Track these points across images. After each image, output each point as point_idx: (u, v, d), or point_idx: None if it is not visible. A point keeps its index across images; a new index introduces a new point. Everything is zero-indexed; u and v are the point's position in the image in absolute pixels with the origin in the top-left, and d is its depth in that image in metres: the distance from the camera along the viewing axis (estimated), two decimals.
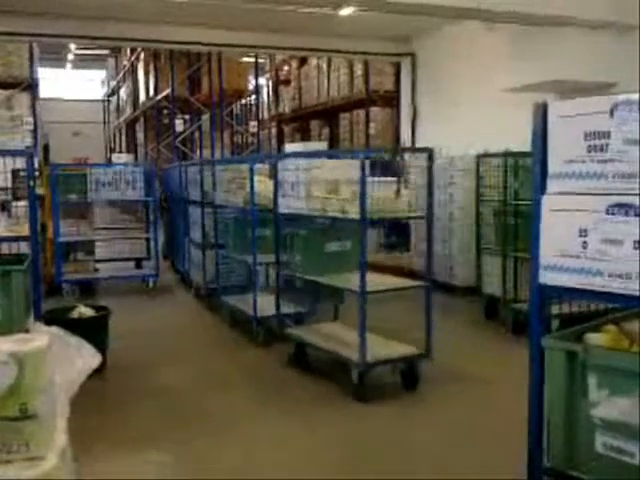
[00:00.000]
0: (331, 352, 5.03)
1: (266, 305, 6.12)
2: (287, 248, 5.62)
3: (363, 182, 4.50)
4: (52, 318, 4.86)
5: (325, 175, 5.10)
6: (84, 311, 5.45)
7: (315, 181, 5.21)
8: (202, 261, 8.07)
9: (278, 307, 5.93)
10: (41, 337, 1.93)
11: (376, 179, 5.63)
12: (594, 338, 2.79)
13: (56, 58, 27.53)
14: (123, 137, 27.84)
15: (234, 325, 6.80)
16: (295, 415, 4.37)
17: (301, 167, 5.40)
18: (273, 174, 5.88)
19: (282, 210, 5.68)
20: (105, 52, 27.11)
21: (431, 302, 4.91)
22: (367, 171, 4.56)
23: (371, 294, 4.62)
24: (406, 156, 12.20)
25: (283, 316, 5.95)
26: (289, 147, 12.53)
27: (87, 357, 2.21)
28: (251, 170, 6.37)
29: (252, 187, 6.32)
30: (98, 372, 2.58)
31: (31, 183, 4.85)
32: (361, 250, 4.69)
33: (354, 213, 4.64)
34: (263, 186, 6.35)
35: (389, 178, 5.40)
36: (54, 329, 2.19)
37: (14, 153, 6.03)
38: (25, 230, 4.82)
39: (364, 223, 4.63)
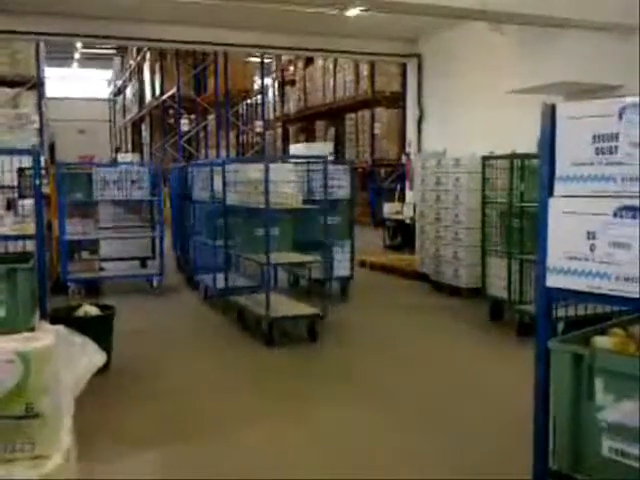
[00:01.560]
0: (253, 311, 6.43)
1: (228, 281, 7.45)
2: (232, 233, 7.23)
3: (266, 180, 5.93)
4: (57, 317, 4.87)
5: (252, 175, 6.65)
6: (89, 310, 5.45)
7: (246, 180, 6.81)
8: (188, 246, 9.35)
9: (226, 281, 7.37)
10: (47, 336, 1.93)
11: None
12: (601, 341, 2.78)
13: (63, 57, 27.60)
14: (129, 136, 27.89)
15: (206, 298, 8.15)
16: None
17: (238, 169, 7.19)
18: (222, 175, 7.27)
19: (229, 203, 7.15)
20: (111, 51, 27.16)
21: (331, 276, 6.98)
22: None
23: (276, 265, 6.59)
24: (411, 158, 12.21)
25: (238, 289, 7.23)
26: (294, 147, 12.53)
27: (92, 356, 2.21)
28: (211, 171, 7.85)
29: (212, 185, 7.78)
30: (103, 370, 2.58)
31: (37, 182, 4.86)
32: (265, 232, 6.08)
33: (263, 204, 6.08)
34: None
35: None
36: (60, 328, 2.19)
37: (21, 152, 6.03)
38: (31, 229, 4.83)
39: (268, 212, 6.06)
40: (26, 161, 5.71)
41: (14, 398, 1.77)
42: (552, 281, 2.71)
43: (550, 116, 2.67)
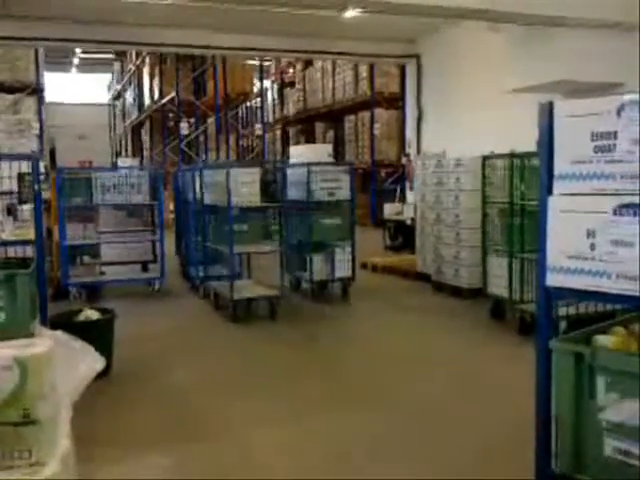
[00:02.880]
0: (221, 294, 7.56)
1: (210, 271, 8.48)
2: (209, 229, 8.22)
3: (227, 182, 6.97)
4: (58, 322, 4.86)
5: (219, 179, 7.51)
6: (90, 314, 5.43)
7: (216, 182, 7.67)
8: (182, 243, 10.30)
9: (205, 271, 8.46)
10: (44, 342, 1.92)
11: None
12: (602, 340, 2.76)
13: (62, 62, 27.63)
14: (129, 140, 27.91)
15: (192, 288, 9.01)
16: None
17: (211, 174, 8.07)
18: (199, 178, 8.29)
19: (205, 203, 8.08)
20: (110, 56, 27.18)
21: (284, 261, 7.45)
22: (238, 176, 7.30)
23: (237, 255, 7.66)
24: (412, 159, 12.20)
25: (216, 277, 8.20)
26: (294, 149, 12.50)
27: (91, 361, 2.20)
28: (192, 176, 8.90)
29: (194, 188, 8.73)
30: (103, 375, 2.57)
31: (36, 187, 4.85)
32: (229, 226, 7.11)
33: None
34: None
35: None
36: (58, 333, 2.18)
37: (20, 157, 6.02)
38: (31, 234, 4.82)
39: (230, 209, 7.09)
40: (26, 166, 5.71)
41: (11, 404, 1.76)
42: (552, 280, 2.69)
43: (548, 114, 2.65)
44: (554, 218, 2.66)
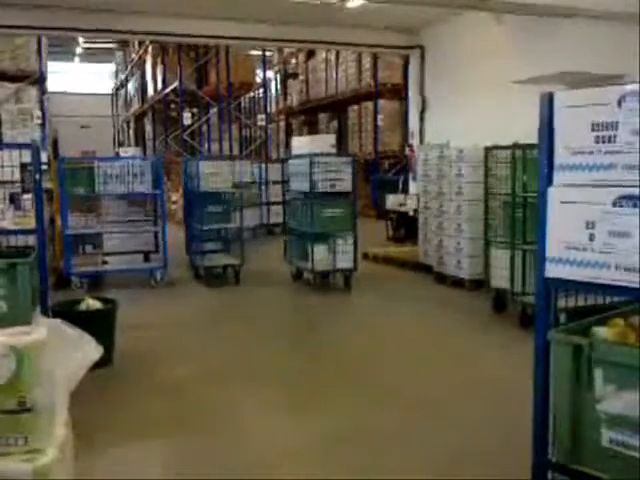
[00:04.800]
0: (198, 264, 9.08)
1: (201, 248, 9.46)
2: (194, 211, 9.40)
3: (198, 170, 8.81)
4: (60, 311, 4.88)
5: (193, 169, 8.95)
6: (92, 304, 5.44)
7: (193, 172, 9.08)
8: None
9: (189, 247, 9.95)
10: (40, 330, 1.92)
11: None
12: (601, 332, 2.75)
13: (64, 51, 27.57)
14: (131, 130, 27.89)
15: (190, 263, 9.89)
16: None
17: (194, 165, 9.26)
18: (187, 169, 10.04)
19: (189, 189, 9.74)
20: (113, 45, 27.11)
21: (242, 236, 9.15)
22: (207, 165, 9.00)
23: (207, 232, 9.03)
24: (415, 150, 12.17)
25: (202, 252, 9.25)
26: (296, 140, 12.47)
27: (88, 350, 2.20)
28: (184, 167, 10.59)
29: (184, 177, 10.50)
30: (105, 364, 2.57)
31: (37, 176, 4.85)
32: (205, 207, 8.89)
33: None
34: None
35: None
36: (55, 321, 2.18)
37: (20, 146, 6.03)
38: (32, 223, 4.83)
39: (200, 193, 8.81)
40: (29, 156, 5.71)
41: (7, 392, 1.77)
42: (551, 271, 2.68)
43: (548, 105, 2.63)
44: (554, 209, 2.65)
